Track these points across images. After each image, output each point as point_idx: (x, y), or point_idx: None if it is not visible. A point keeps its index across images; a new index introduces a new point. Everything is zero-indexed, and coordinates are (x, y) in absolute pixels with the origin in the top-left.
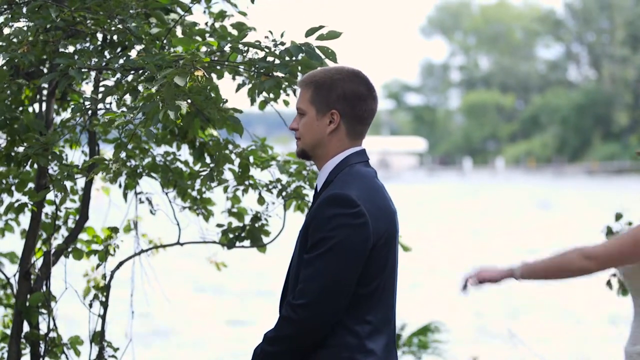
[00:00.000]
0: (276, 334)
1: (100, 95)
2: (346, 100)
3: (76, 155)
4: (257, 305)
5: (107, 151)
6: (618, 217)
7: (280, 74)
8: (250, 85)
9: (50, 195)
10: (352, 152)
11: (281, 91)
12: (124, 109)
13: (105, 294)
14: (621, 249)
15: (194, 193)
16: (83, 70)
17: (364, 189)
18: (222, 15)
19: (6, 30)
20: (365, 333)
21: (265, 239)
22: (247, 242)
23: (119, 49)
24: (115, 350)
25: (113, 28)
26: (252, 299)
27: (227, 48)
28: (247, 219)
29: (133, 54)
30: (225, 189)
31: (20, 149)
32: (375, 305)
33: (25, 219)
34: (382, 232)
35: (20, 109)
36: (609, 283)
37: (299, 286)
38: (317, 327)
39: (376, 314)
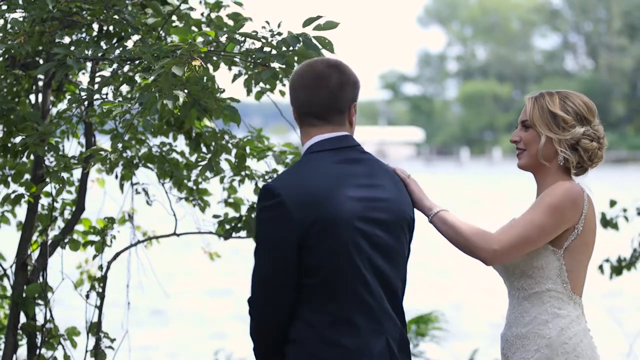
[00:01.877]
0: (250, 332)
1: (96, 86)
2: (293, 93)
3: (72, 147)
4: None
5: (103, 142)
6: (612, 203)
7: (277, 65)
8: (246, 76)
9: (46, 187)
10: (316, 140)
11: (278, 82)
12: (121, 99)
13: (101, 284)
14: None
15: (190, 184)
16: (80, 60)
17: (297, 177)
18: (218, 5)
19: (2, 22)
20: (324, 324)
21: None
22: (243, 233)
23: (115, 40)
24: (112, 340)
25: (109, 18)
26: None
27: (223, 38)
28: (244, 210)
29: (129, 44)
30: (222, 180)
31: (17, 139)
32: (332, 295)
33: (21, 211)
34: (314, 219)
35: (17, 100)
36: (601, 267)
37: None
38: (263, 321)
39: (337, 303)
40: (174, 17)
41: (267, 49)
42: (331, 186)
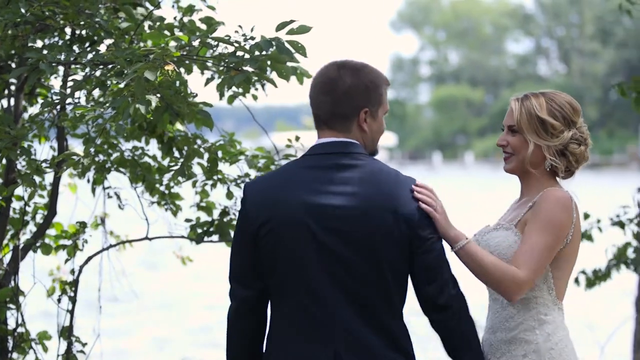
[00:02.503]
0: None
1: (69, 90)
2: (310, 95)
3: (44, 151)
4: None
5: (75, 146)
6: (586, 216)
7: (249, 69)
8: (219, 80)
9: (18, 191)
10: (314, 144)
11: (250, 86)
12: (93, 103)
13: (73, 289)
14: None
15: (162, 188)
16: (52, 64)
17: (266, 179)
18: (191, 9)
19: None
20: (277, 326)
21: (233, 234)
22: (215, 237)
23: (88, 44)
24: (84, 345)
25: (82, 22)
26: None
27: (196, 43)
28: (216, 214)
29: (102, 48)
30: (194, 184)
31: None
32: (282, 299)
33: None
34: (266, 219)
35: None
36: (576, 280)
37: None
38: (232, 308)
39: (286, 308)
40: (147, 22)
41: (239, 53)
42: (290, 190)
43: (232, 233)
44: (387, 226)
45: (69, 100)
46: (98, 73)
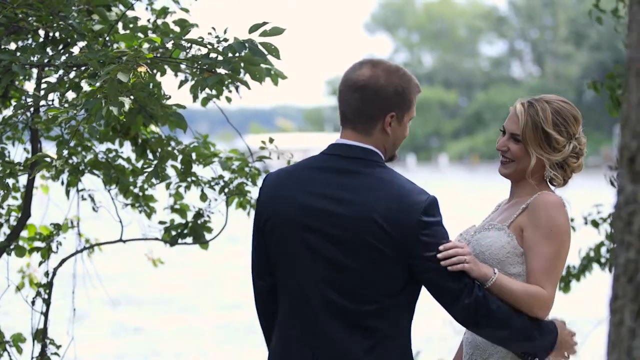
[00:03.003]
0: None
1: (42, 92)
2: None
3: (18, 153)
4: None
5: (49, 148)
6: None
7: (223, 71)
8: (192, 82)
9: None
10: (331, 143)
11: (224, 88)
12: (67, 105)
13: (47, 291)
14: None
15: (136, 190)
16: (25, 66)
17: (280, 173)
18: (164, 11)
19: None
20: (279, 321)
21: (207, 236)
22: (189, 239)
23: (61, 46)
24: (58, 347)
25: (55, 25)
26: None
27: (169, 45)
28: (190, 216)
29: (75, 50)
30: (168, 186)
31: None
32: (284, 295)
33: None
34: (268, 216)
35: None
36: None
37: None
38: (253, 293)
39: (282, 305)
40: (120, 24)
41: (213, 55)
42: (292, 187)
43: (206, 235)
44: (373, 238)
45: (42, 102)
46: (72, 75)
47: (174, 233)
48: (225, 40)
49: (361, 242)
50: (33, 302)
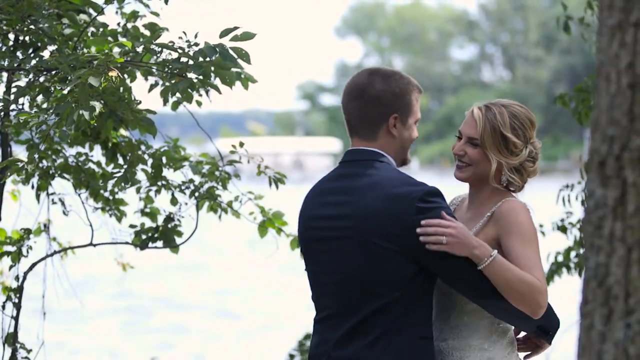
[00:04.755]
0: None
1: (12, 96)
2: None
3: None
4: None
5: (19, 152)
6: None
7: (193, 75)
8: (163, 87)
9: None
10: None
11: (194, 92)
12: (37, 110)
13: (18, 295)
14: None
15: (107, 194)
16: None
17: (307, 194)
18: (134, 15)
19: None
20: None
21: (177, 240)
22: (159, 243)
23: (31, 50)
24: (29, 351)
25: (25, 28)
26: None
27: (140, 49)
28: (160, 220)
29: (46, 54)
30: (138, 190)
31: None
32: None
33: None
34: (299, 238)
35: None
36: None
37: None
38: None
39: (319, 306)
40: (91, 28)
41: (183, 59)
42: (306, 206)
43: (176, 239)
44: (374, 235)
45: (12, 106)
46: (42, 79)
47: (144, 237)
48: (196, 44)
49: (364, 240)
50: (3, 307)
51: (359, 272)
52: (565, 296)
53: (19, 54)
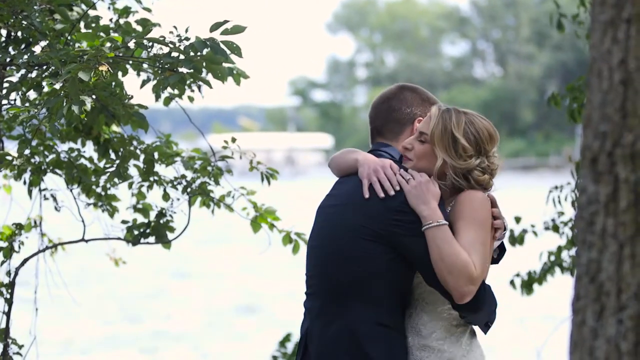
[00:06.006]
0: None
1: (4, 92)
2: None
3: None
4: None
5: (11, 148)
6: (517, 220)
7: (185, 70)
8: (155, 82)
9: None
10: None
11: (186, 87)
12: (28, 104)
13: (9, 291)
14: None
15: (99, 189)
16: None
17: None
18: (126, 11)
19: None
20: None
21: (170, 235)
22: (152, 239)
23: (23, 45)
24: (20, 347)
25: (17, 24)
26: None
27: (131, 44)
28: (152, 215)
29: (37, 49)
30: (130, 185)
31: None
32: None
33: None
34: None
35: None
36: (512, 283)
37: None
38: None
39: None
40: (82, 23)
41: (175, 54)
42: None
43: (168, 234)
44: (354, 221)
45: (4, 101)
46: (33, 74)
47: (136, 232)
48: (187, 39)
49: (346, 227)
50: None
51: (340, 255)
52: (558, 291)
53: (10, 49)
